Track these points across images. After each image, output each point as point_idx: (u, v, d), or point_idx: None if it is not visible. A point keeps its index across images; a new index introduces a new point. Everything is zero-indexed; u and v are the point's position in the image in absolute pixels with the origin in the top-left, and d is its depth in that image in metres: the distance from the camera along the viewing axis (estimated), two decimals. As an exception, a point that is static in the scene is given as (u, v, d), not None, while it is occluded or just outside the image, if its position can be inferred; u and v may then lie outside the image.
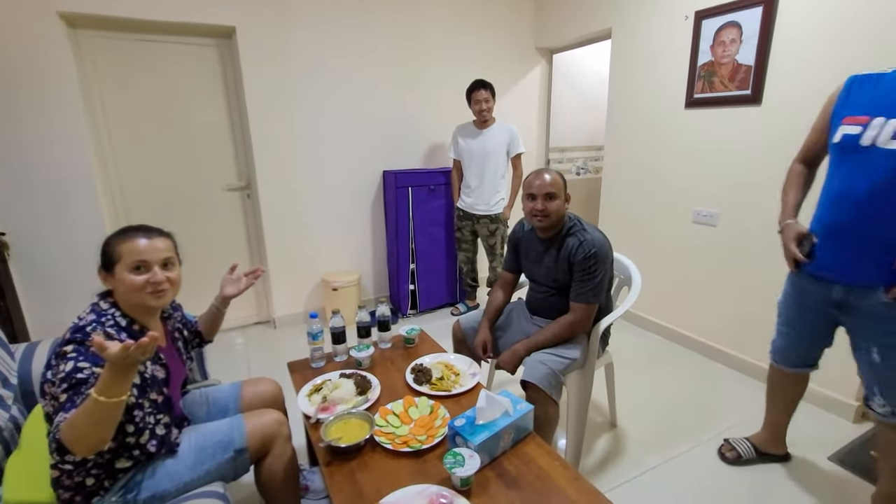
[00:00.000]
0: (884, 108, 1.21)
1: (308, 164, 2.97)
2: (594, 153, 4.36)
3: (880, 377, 1.32)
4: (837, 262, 1.32)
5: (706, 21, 2.38)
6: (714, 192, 2.45)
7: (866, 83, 1.29)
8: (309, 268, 3.11)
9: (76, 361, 0.96)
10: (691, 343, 2.68)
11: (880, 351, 1.29)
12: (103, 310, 1.09)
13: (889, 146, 1.18)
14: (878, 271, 1.24)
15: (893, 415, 1.32)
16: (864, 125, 1.23)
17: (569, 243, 1.60)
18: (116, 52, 2.50)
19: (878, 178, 1.20)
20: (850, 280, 1.31)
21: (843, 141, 1.27)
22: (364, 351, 1.64)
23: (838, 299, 1.35)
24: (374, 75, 3.05)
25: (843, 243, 1.30)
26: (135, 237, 1.12)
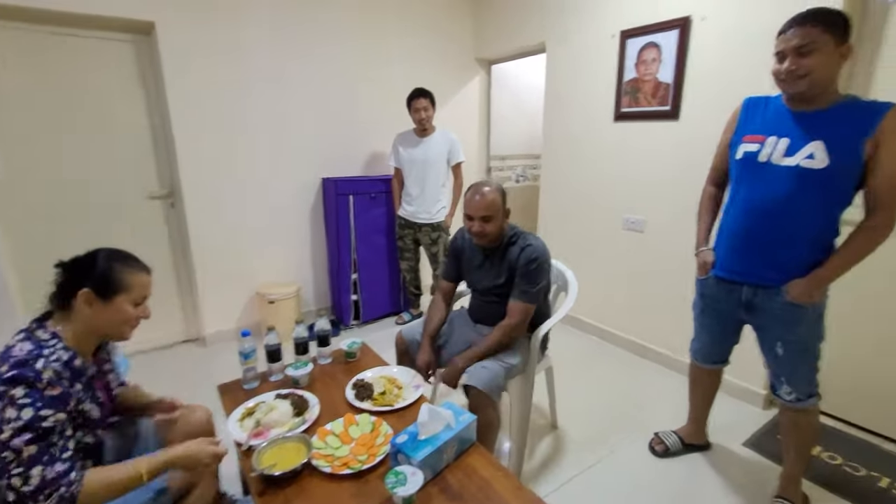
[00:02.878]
0: (774, 128, 1.36)
1: (240, 171, 2.81)
2: (533, 161, 4.51)
3: (785, 368, 1.46)
4: (743, 267, 1.46)
5: (630, 40, 2.54)
6: (641, 201, 2.61)
7: (759, 105, 1.45)
8: (242, 280, 2.94)
9: (35, 409, 0.87)
10: (624, 342, 2.83)
11: (784, 345, 1.43)
12: (44, 340, 0.98)
13: (781, 162, 1.32)
14: (779, 274, 1.38)
15: (798, 400, 1.47)
16: (760, 143, 1.37)
17: (512, 252, 1.64)
18: (23, 45, 2.23)
19: (774, 191, 1.34)
20: (756, 282, 1.44)
21: (744, 157, 1.41)
22: (301, 368, 1.57)
23: (746, 300, 1.48)
24: (313, 80, 2.96)
25: (747, 249, 1.44)
26: (142, 271, 1.11)
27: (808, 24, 1.22)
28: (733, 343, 1.68)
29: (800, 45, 1.22)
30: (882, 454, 1.87)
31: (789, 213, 1.33)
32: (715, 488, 1.72)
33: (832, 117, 1.27)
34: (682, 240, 2.38)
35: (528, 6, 3.11)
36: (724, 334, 1.65)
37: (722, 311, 1.58)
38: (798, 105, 1.32)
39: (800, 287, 1.34)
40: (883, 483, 1.72)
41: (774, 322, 1.43)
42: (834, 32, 1.20)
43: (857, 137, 1.23)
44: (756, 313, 1.48)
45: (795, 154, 1.30)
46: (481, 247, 1.71)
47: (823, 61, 1.22)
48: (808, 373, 1.45)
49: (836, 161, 1.24)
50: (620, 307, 2.83)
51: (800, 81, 1.25)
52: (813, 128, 1.28)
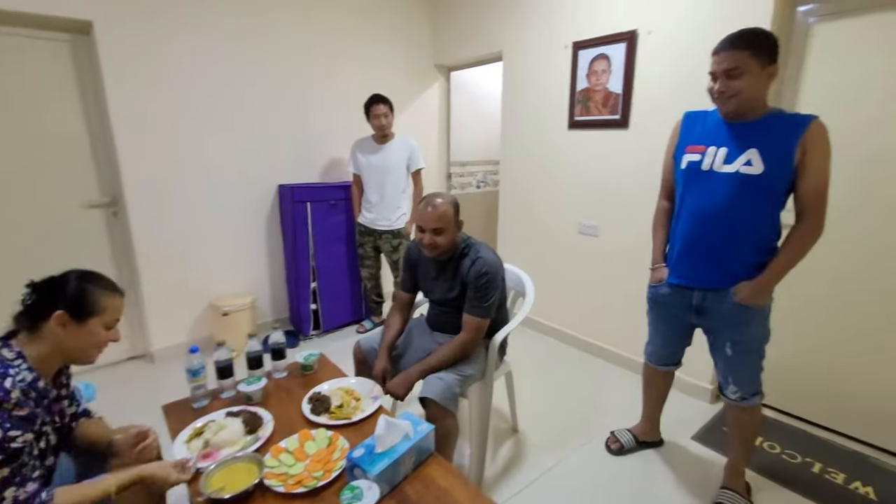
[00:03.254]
0: (713, 138, 1.45)
1: (190, 178, 2.69)
2: (493, 167, 4.57)
3: (733, 369, 1.53)
4: (693, 272, 1.53)
5: (582, 52, 2.64)
6: (595, 206, 2.70)
7: (698, 118, 1.54)
8: (194, 292, 2.81)
9: (4, 430, 0.86)
10: (581, 343, 2.91)
11: (732, 346, 1.50)
12: (9, 360, 0.96)
13: (723, 170, 1.41)
14: (727, 277, 1.46)
15: (743, 399, 1.55)
16: (702, 153, 1.46)
17: (463, 264, 1.64)
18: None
19: (717, 197, 1.42)
20: (705, 286, 1.51)
21: (688, 167, 1.50)
22: (255, 384, 1.51)
23: (696, 304, 1.54)
24: (268, 85, 2.89)
25: (696, 254, 1.51)
26: (115, 293, 1.09)
27: (736, 48, 1.30)
28: (685, 346, 1.75)
29: (729, 69, 1.31)
30: (815, 441, 2.01)
31: (732, 218, 1.41)
32: (668, 483, 1.79)
33: (763, 127, 1.36)
34: (634, 243, 2.48)
35: (486, 15, 3.17)
36: (677, 337, 1.72)
37: (674, 315, 1.65)
38: (733, 117, 1.41)
39: (746, 289, 1.42)
40: (816, 468, 1.84)
41: (724, 324, 1.50)
42: (761, 55, 1.29)
43: (787, 144, 1.32)
44: (706, 316, 1.54)
45: (734, 161, 1.38)
46: (434, 259, 1.72)
47: (751, 83, 1.31)
48: (754, 373, 1.53)
49: (771, 166, 1.34)
50: (578, 309, 2.91)
51: (729, 101, 1.35)
52: (747, 137, 1.38)
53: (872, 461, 1.89)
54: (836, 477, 1.80)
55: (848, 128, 1.78)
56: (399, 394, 1.55)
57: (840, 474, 1.81)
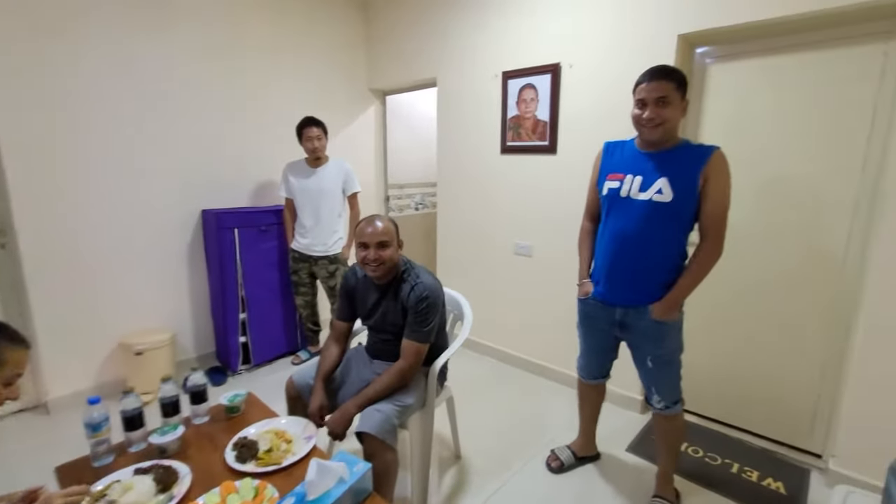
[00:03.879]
0: (630, 167, 1.57)
1: (97, 204, 2.44)
2: (431, 189, 4.61)
3: (655, 380, 1.64)
4: (615, 290, 1.63)
5: (511, 81, 2.76)
6: (528, 227, 2.80)
7: (618, 147, 1.66)
8: (100, 330, 2.51)
9: None
10: (520, 362, 2.96)
11: (653, 360, 1.61)
12: None
13: (638, 197, 1.52)
14: (643, 296, 1.57)
15: (667, 407, 1.65)
16: (621, 181, 1.57)
17: (403, 289, 1.62)
18: None
19: (635, 222, 1.54)
20: (626, 303, 1.61)
21: (609, 194, 1.61)
22: (170, 434, 1.36)
23: (619, 320, 1.64)
24: (192, 105, 2.72)
25: (617, 274, 1.61)
26: (18, 345, 1.01)
27: (665, 78, 1.43)
28: (612, 359, 1.84)
29: (661, 97, 1.43)
30: (732, 442, 2.17)
31: (646, 241, 1.53)
32: (606, 495, 1.84)
33: (674, 157, 1.49)
34: (565, 262, 2.59)
35: (420, 42, 3.23)
36: (604, 351, 1.81)
37: (601, 329, 1.73)
38: (648, 147, 1.54)
39: (659, 308, 1.53)
40: (734, 469, 1.99)
41: (644, 339, 1.61)
42: (681, 89, 1.44)
43: (692, 173, 1.44)
44: (628, 331, 1.65)
45: (648, 189, 1.50)
46: (376, 283, 1.68)
47: (675, 113, 1.45)
48: (673, 382, 1.64)
49: (678, 195, 1.46)
50: (515, 328, 2.97)
51: (657, 129, 1.46)
52: (659, 166, 1.50)
53: (779, 457, 2.07)
54: (751, 475, 1.95)
55: (743, 158, 1.99)
56: (337, 432, 1.47)
57: (754, 472, 1.96)
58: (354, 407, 1.50)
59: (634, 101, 1.51)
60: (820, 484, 1.90)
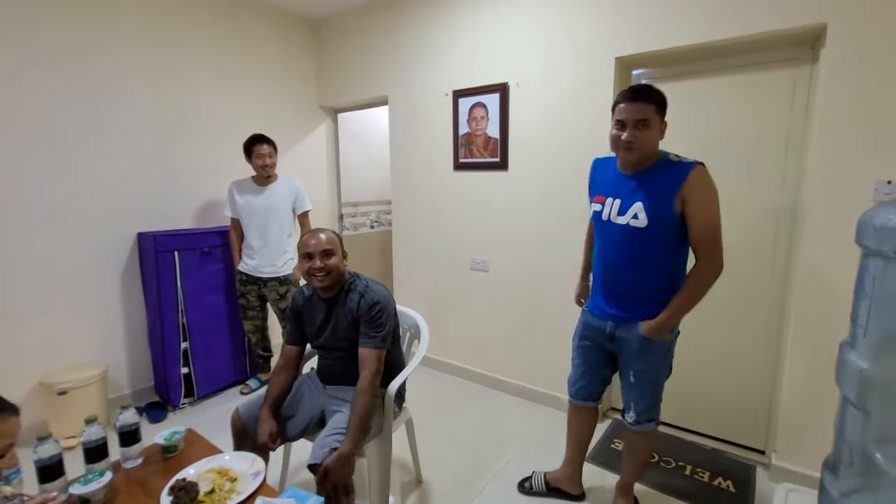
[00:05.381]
0: (611, 190, 1.55)
1: (18, 222, 2.22)
2: (387, 206, 4.57)
3: (633, 395, 1.62)
4: (607, 305, 1.62)
5: (462, 99, 2.81)
6: (484, 242, 2.82)
7: (603, 165, 1.64)
8: (17, 368, 2.25)
9: None
10: (478, 377, 2.94)
11: (635, 375, 1.58)
12: None
13: (617, 221, 1.51)
14: (632, 314, 1.55)
15: (638, 423, 1.63)
16: (602, 204, 1.56)
17: (352, 298, 1.60)
18: None
19: (616, 245, 1.54)
20: (615, 318, 1.59)
21: (594, 216, 1.62)
22: (94, 482, 1.22)
23: (611, 333, 1.61)
24: (126, 119, 2.55)
25: (607, 290, 1.62)
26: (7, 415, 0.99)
27: (645, 100, 1.39)
28: (605, 379, 1.76)
29: (640, 119, 1.38)
30: (685, 445, 2.25)
31: (628, 264, 1.52)
32: (567, 509, 1.83)
33: (649, 178, 1.45)
34: (522, 276, 2.62)
35: (371, 61, 3.23)
36: (598, 366, 1.72)
37: (596, 341, 1.68)
38: (625, 168, 1.52)
39: (648, 326, 1.50)
40: (687, 471, 2.05)
41: (630, 353, 1.58)
42: (661, 111, 1.41)
43: (667, 195, 1.40)
44: (617, 343, 1.61)
45: (625, 213, 1.48)
46: (322, 298, 1.63)
47: (654, 135, 1.41)
48: (652, 401, 1.62)
49: (653, 220, 1.43)
50: (476, 344, 2.95)
51: (634, 152, 1.42)
52: (635, 190, 1.47)
53: (728, 455, 2.16)
54: (703, 476, 2.01)
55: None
56: (346, 478, 1.35)
57: (706, 472, 2.03)
58: (351, 445, 1.39)
59: (613, 120, 1.45)
60: (765, 479, 1.99)
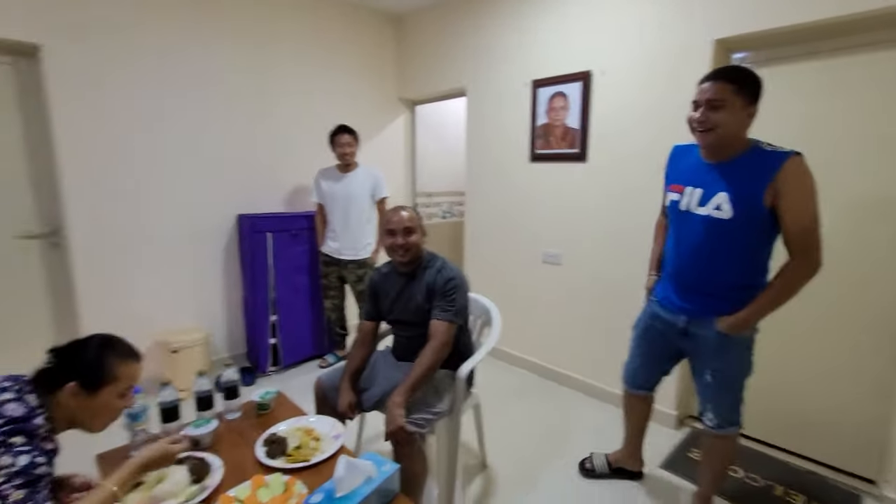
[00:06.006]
0: (692, 178, 1.45)
1: (140, 206, 2.56)
2: (459, 198, 4.63)
3: (711, 396, 1.53)
4: (679, 298, 1.54)
5: (541, 89, 2.76)
6: (558, 235, 2.76)
7: (683, 153, 1.55)
8: (140, 327, 2.60)
9: (32, 456, 0.91)
10: (547, 372, 2.90)
11: (712, 374, 1.49)
12: (33, 406, 0.97)
13: (697, 211, 1.42)
14: (708, 309, 1.46)
15: (719, 426, 1.53)
16: (681, 193, 1.48)
17: (428, 273, 1.67)
18: None
19: (695, 237, 1.45)
20: (689, 312, 1.51)
21: (671, 205, 1.53)
22: (204, 427, 1.39)
23: (683, 328, 1.53)
24: (226, 112, 2.84)
25: (681, 284, 1.53)
26: (133, 360, 1.09)
27: (723, 80, 1.29)
28: (663, 371, 1.73)
29: (711, 99, 1.30)
30: (776, 464, 2.06)
31: (707, 257, 1.43)
32: (637, 513, 1.77)
33: (736, 169, 1.34)
34: (597, 271, 2.54)
35: (449, 53, 3.28)
36: (658, 359, 1.69)
37: (661, 334, 1.63)
38: (709, 156, 1.41)
39: (727, 321, 1.41)
40: (778, 491, 1.88)
41: (706, 350, 1.49)
42: (745, 93, 1.29)
43: (757, 189, 1.29)
44: (691, 340, 1.53)
45: (707, 204, 1.39)
46: (400, 273, 1.71)
47: (731, 118, 1.29)
48: (732, 402, 1.52)
49: (739, 212, 1.33)
50: (543, 338, 2.92)
51: (707, 134, 1.33)
52: (720, 179, 1.37)
53: (829, 481, 1.94)
54: (795, 499, 1.83)
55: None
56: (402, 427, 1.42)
57: (800, 496, 1.85)
58: (400, 396, 1.47)
59: (691, 103, 1.39)
60: (873, 511, 1.77)
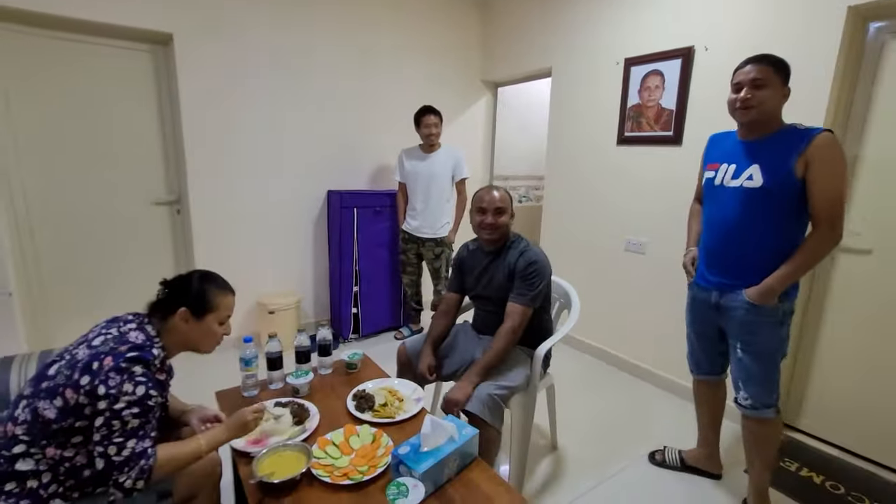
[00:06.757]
0: (728, 157, 1.54)
1: (247, 180, 2.84)
2: (535, 182, 4.57)
3: (742, 372, 1.53)
4: (711, 273, 1.59)
5: (634, 68, 2.62)
6: (643, 223, 2.64)
7: (721, 139, 1.64)
8: (243, 289, 2.85)
9: (147, 387, 1.00)
10: (623, 364, 2.81)
11: (742, 348, 1.52)
12: (151, 335, 1.10)
13: (730, 184, 1.50)
14: (739, 280, 1.50)
15: (753, 407, 1.51)
16: (716, 170, 1.57)
17: (512, 254, 1.69)
18: (33, 51, 2.28)
19: (727, 210, 1.51)
20: (722, 286, 1.55)
21: (706, 183, 1.62)
22: (302, 377, 1.55)
23: (716, 302, 1.58)
24: (322, 93, 3.02)
25: (715, 257, 1.58)
26: (228, 293, 1.22)
27: (763, 62, 1.41)
28: (720, 351, 1.69)
29: (756, 79, 1.40)
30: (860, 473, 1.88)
31: (739, 228, 1.48)
32: (717, 515, 1.69)
33: (770, 144, 1.44)
34: (684, 263, 2.39)
35: (536, 32, 3.21)
36: (708, 339, 1.70)
37: (702, 314, 1.67)
38: (746, 134, 1.50)
39: (754, 290, 1.45)
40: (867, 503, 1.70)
41: (735, 325, 1.52)
42: (781, 74, 1.40)
43: (787, 158, 1.37)
44: (723, 314, 1.57)
45: (739, 177, 1.47)
46: (485, 251, 1.75)
47: (771, 96, 1.40)
48: (765, 381, 1.50)
49: (769, 180, 1.40)
50: (621, 328, 2.82)
51: (751, 111, 1.41)
52: (753, 154, 1.46)
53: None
54: None
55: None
56: (460, 400, 1.50)
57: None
58: (476, 376, 1.54)
59: (731, 85, 1.47)
60: None
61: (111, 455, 0.95)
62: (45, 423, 0.96)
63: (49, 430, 0.96)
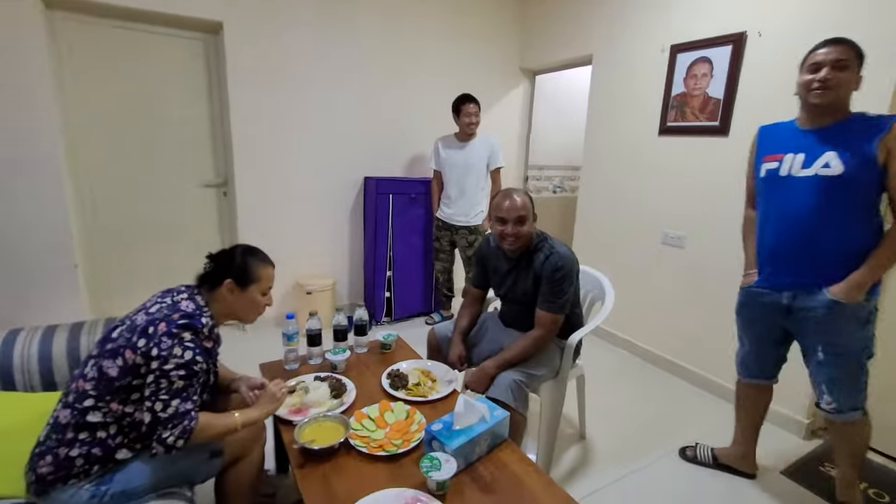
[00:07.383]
0: (790, 146, 1.46)
1: (288, 166, 2.94)
2: (571, 173, 4.49)
3: (825, 376, 1.45)
4: (782, 272, 1.49)
5: (681, 55, 2.52)
6: (682, 216, 2.57)
7: (774, 130, 1.57)
8: (283, 270, 2.96)
9: (195, 353, 1.07)
10: (655, 359, 2.77)
11: (823, 350, 1.44)
12: (201, 305, 1.18)
13: (800, 174, 1.42)
14: (816, 278, 1.42)
15: (839, 411, 1.45)
16: (779, 161, 1.48)
17: (537, 258, 1.63)
18: (94, 38, 2.43)
19: (798, 201, 1.42)
20: (794, 286, 1.47)
21: (766, 175, 1.51)
22: (340, 354, 1.63)
23: (787, 305, 1.49)
24: (361, 80, 3.07)
25: (783, 258, 1.48)
26: (269, 265, 1.29)
27: (844, 44, 1.34)
28: (777, 357, 1.64)
29: (838, 59, 1.33)
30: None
31: (814, 221, 1.40)
32: (749, 514, 1.66)
33: (841, 130, 1.37)
34: (724, 258, 2.32)
35: (578, 18, 3.14)
36: (767, 344, 1.63)
37: (763, 317, 1.59)
38: (813, 121, 1.42)
39: (839, 287, 1.37)
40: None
41: (814, 326, 1.44)
42: (859, 59, 1.34)
43: (868, 143, 1.31)
44: (796, 317, 1.48)
45: (812, 165, 1.39)
46: (507, 254, 1.71)
47: (850, 79, 1.34)
48: (851, 384, 1.43)
49: (850, 167, 1.32)
50: (654, 323, 2.78)
51: (829, 92, 1.34)
52: (824, 141, 1.38)
53: None
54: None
55: None
56: (479, 389, 1.56)
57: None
58: (494, 368, 1.57)
59: (806, 67, 1.39)
60: None
61: (157, 411, 1.03)
62: (109, 380, 1.06)
63: (112, 386, 1.06)
